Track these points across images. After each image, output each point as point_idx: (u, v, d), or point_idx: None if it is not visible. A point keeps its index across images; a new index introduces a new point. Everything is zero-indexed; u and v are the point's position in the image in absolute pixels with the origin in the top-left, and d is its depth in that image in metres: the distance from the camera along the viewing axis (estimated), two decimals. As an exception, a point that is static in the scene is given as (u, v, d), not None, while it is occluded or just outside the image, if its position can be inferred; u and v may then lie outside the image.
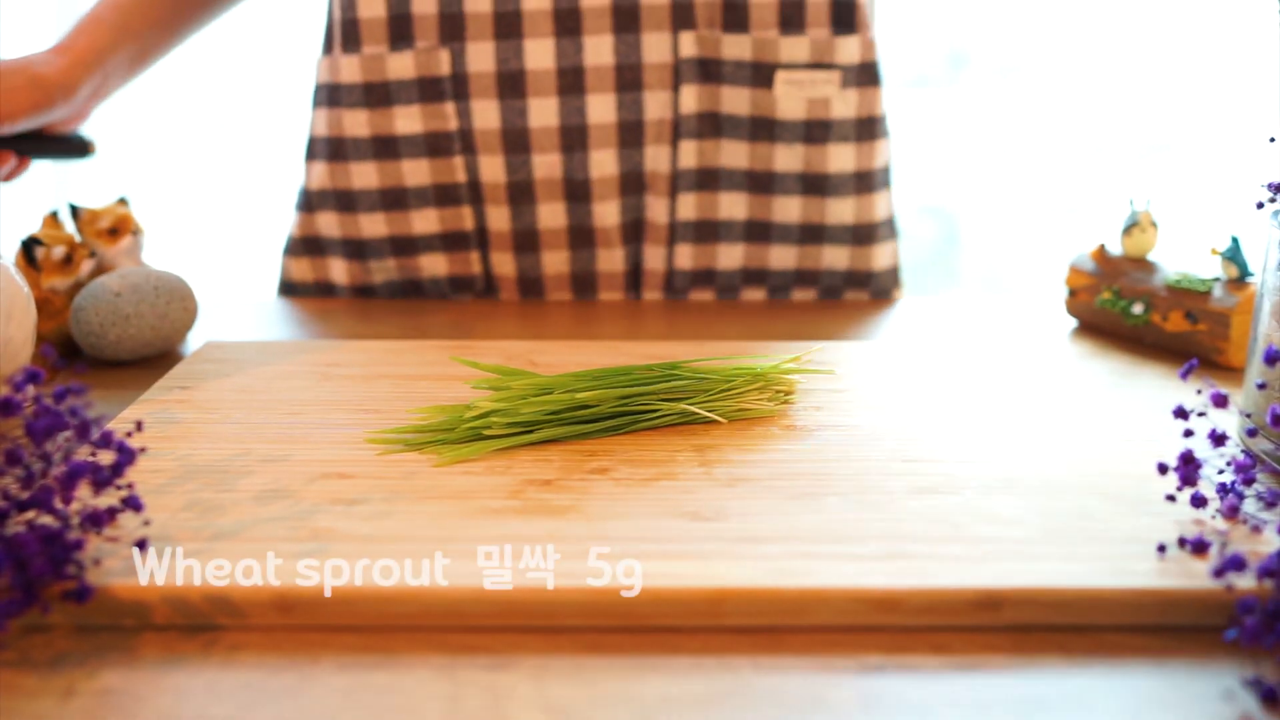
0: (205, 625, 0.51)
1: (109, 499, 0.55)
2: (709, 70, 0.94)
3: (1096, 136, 2.70)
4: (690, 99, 0.95)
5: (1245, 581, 0.50)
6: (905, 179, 1.10)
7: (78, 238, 0.88)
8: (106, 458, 0.54)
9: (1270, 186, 0.65)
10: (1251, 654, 0.49)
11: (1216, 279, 0.84)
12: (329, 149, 0.99)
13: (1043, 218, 2.91)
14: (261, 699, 0.46)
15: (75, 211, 0.90)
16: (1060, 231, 2.87)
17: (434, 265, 1.00)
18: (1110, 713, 0.46)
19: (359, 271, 1.02)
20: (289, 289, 1.06)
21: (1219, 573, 0.50)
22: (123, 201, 0.91)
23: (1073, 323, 0.93)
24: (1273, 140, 0.63)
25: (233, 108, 2.26)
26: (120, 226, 0.89)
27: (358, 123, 0.96)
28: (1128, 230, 0.88)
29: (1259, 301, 0.67)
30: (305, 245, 1.04)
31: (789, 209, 0.98)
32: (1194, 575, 0.52)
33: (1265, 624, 0.47)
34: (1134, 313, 0.87)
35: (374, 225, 0.99)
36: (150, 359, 0.83)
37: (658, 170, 0.97)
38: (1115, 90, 2.64)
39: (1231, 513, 0.56)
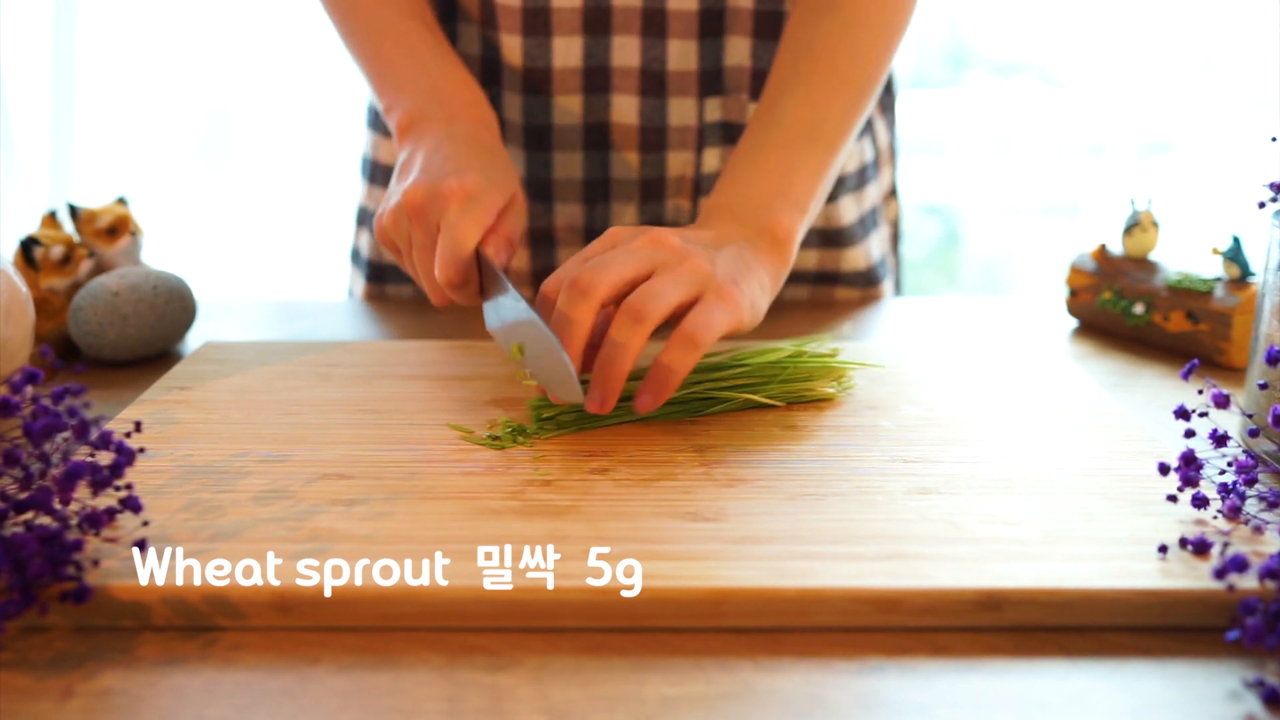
0: (204, 626, 0.51)
1: (108, 499, 0.54)
2: (732, 134, 0.95)
3: (1096, 136, 2.70)
4: (713, 159, 0.95)
5: (1247, 582, 0.50)
6: (906, 179, 1.10)
7: (76, 238, 0.88)
8: (105, 458, 0.54)
9: (1271, 186, 0.65)
10: (1254, 655, 0.49)
11: (1218, 279, 0.83)
12: (369, 170, 1.01)
13: (1043, 218, 2.91)
14: (260, 700, 0.46)
15: (74, 211, 0.89)
16: (1060, 231, 2.87)
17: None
18: (1111, 714, 0.46)
19: (374, 291, 1.03)
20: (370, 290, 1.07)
21: (1221, 573, 0.50)
22: (121, 201, 0.91)
23: (1073, 323, 0.93)
24: (1274, 140, 0.63)
25: (233, 107, 2.26)
26: (119, 226, 0.89)
27: (391, 152, 0.97)
28: (1129, 230, 0.88)
29: (1260, 301, 0.67)
30: (355, 254, 1.05)
31: (805, 258, 0.99)
32: (1196, 576, 0.52)
33: (1268, 625, 0.47)
34: (1135, 313, 0.86)
35: None
36: (149, 359, 0.83)
37: (678, 222, 0.97)
38: (1115, 90, 2.64)
39: (1233, 513, 0.56)
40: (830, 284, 1.00)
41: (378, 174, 1.00)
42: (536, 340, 0.65)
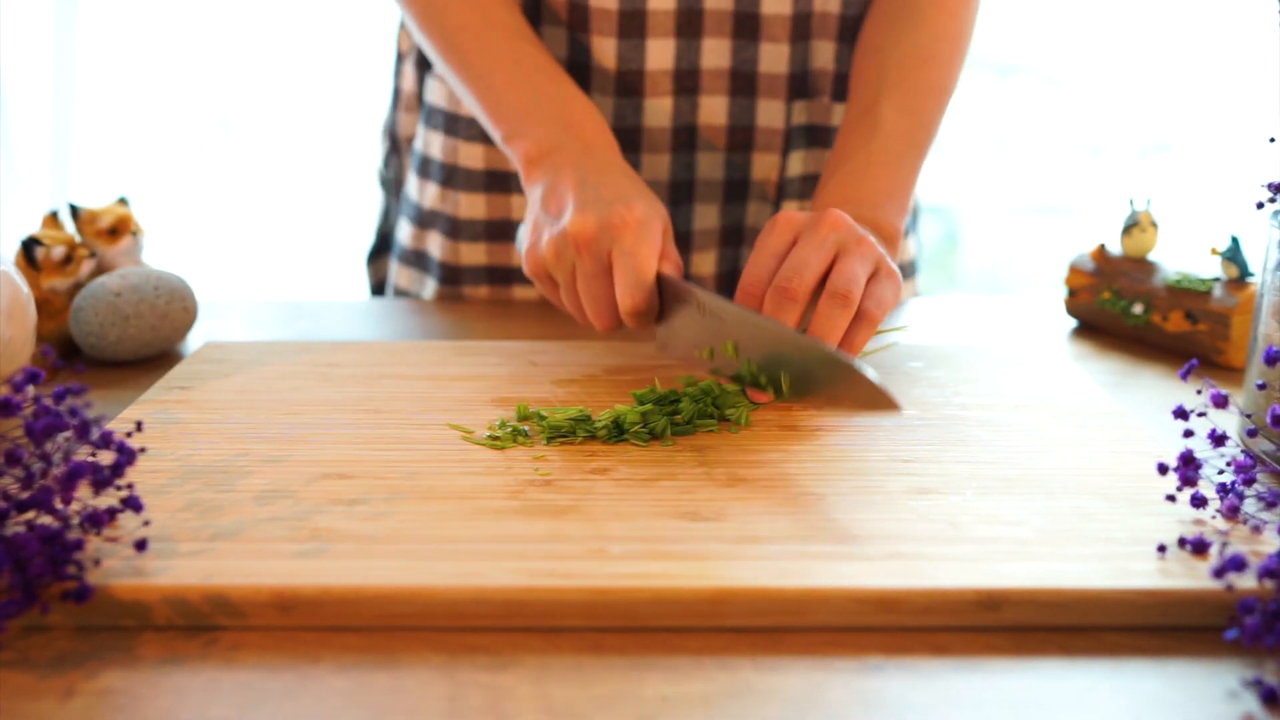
0: (205, 626, 0.51)
1: (109, 499, 0.55)
2: (816, 136, 0.95)
3: (1096, 136, 2.70)
4: (798, 164, 0.96)
5: (1246, 582, 0.50)
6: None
7: (77, 238, 0.88)
8: (106, 458, 0.54)
9: (1270, 186, 0.65)
10: (1252, 654, 0.49)
11: (1216, 279, 0.83)
12: (442, 174, 0.98)
13: (1042, 218, 2.91)
14: (261, 700, 0.46)
15: (75, 211, 0.90)
16: (1060, 231, 2.87)
17: (525, 293, 1.00)
18: (1110, 713, 0.46)
19: (449, 293, 1.01)
20: (395, 292, 1.05)
21: (1219, 573, 0.50)
22: (122, 201, 0.91)
23: (1073, 323, 0.93)
24: (1273, 140, 0.63)
25: (234, 107, 2.26)
26: (120, 226, 0.89)
27: (473, 156, 0.96)
28: (1128, 230, 0.88)
29: (1259, 301, 0.67)
30: (416, 258, 1.03)
31: None
32: (1194, 575, 0.52)
33: (1266, 624, 0.47)
34: (1134, 313, 0.86)
35: (474, 254, 0.99)
36: (150, 359, 0.83)
37: (758, 226, 0.97)
38: (1115, 90, 2.64)
39: (1232, 513, 0.56)
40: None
41: (457, 177, 0.97)
42: (774, 338, 0.68)
